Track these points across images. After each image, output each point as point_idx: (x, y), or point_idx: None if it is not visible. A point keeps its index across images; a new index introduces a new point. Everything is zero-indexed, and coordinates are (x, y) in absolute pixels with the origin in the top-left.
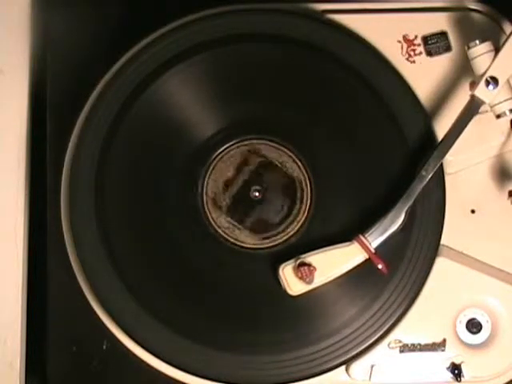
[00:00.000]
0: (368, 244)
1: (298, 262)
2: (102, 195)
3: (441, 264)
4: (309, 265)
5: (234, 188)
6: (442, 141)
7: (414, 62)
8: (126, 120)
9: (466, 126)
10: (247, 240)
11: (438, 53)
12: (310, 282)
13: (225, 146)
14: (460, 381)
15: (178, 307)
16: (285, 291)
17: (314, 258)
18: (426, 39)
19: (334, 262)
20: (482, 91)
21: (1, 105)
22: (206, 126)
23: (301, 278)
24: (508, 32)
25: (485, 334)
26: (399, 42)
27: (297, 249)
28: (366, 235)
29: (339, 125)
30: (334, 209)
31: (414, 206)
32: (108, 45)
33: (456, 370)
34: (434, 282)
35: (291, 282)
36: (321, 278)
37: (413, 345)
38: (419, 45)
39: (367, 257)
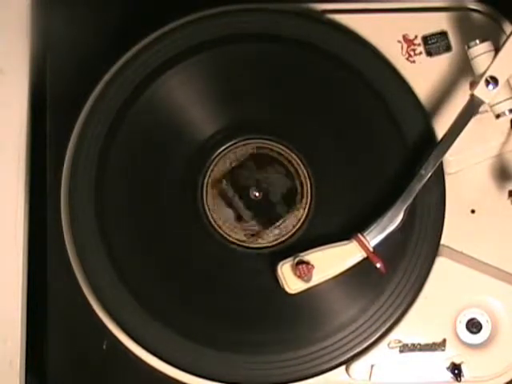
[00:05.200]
0: (366, 243)
1: (297, 260)
2: (101, 195)
3: (441, 264)
4: (307, 263)
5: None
6: (441, 140)
7: (414, 61)
8: (126, 120)
9: (465, 125)
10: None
11: (438, 53)
12: (308, 281)
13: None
14: (460, 381)
15: (177, 307)
16: (283, 289)
17: (313, 256)
18: (425, 39)
19: (332, 261)
20: (481, 91)
21: (1, 105)
22: (206, 126)
23: (299, 277)
24: (508, 32)
25: (485, 334)
26: (399, 42)
27: (296, 247)
28: (365, 234)
29: (339, 124)
30: (334, 207)
31: (414, 206)
32: (108, 45)
33: (456, 369)
34: (434, 282)
35: (289, 280)
36: (319, 276)
37: (413, 345)
38: (419, 45)
39: (365, 255)
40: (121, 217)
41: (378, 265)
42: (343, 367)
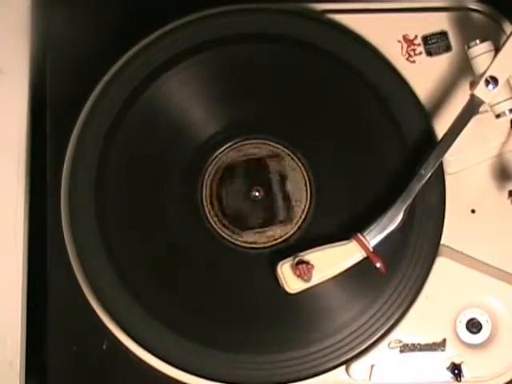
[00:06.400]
0: (366, 242)
1: (296, 259)
2: (101, 195)
3: (441, 264)
4: (307, 263)
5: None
6: (441, 140)
7: (414, 61)
8: (126, 120)
9: (465, 125)
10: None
11: (438, 53)
12: (307, 280)
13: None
14: (460, 381)
15: (178, 307)
16: (283, 289)
17: (312, 255)
18: (426, 39)
19: (332, 260)
20: (481, 91)
21: (1, 105)
22: (206, 126)
23: (299, 276)
24: (508, 32)
25: (485, 334)
26: (399, 41)
27: (296, 247)
28: (365, 234)
29: (339, 124)
30: (334, 207)
31: (414, 206)
32: (108, 45)
33: (456, 369)
34: (434, 282)
35: (289, 279)
36: (319, 276)
37: (413, 345)
38: (419, 45)
39: (365, 255)
40: (121, 217)
41: (378, 264)
42: (343, 367)
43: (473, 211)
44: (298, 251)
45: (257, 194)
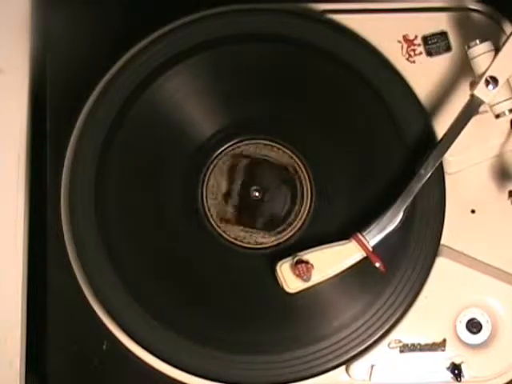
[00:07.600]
0: (366, 242)
1: (296, 259)
2: (101, 195)
3: (441, 264)
4: (306, 262)
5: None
6: (441, 140)
7: (414, 62)
8: (126, 120)
9: (465, 125)
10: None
11: (438, 53)
12: (307, 280)
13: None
14: (460, 381)
15: (177, 307)
16: (282, 288)
17: (312, 255)
18: (426, 39)
19: (331, 260)
20: (481, 91)
21: (1, 105)
22: (206, 126)
23: (298, 276)
24: (508, 32)
25: (485, 334)
26: (399, 42)
27: (296, 247)
28: (364, 233)
29: (339, 124)
30: (334, 207)
31: (414, 206)
32: (108, 45)
33: (456, 369)
34: (434, 281)
35: (288, 279)
36: (318, 276)
37: (413, 345)
38: (419, 45)
39: (365, 255)
40: (121, 217)
41: (378, 264)
42: (343, 367)
43: (473, 211)
44: (297, 251)
45: (257, 194)
